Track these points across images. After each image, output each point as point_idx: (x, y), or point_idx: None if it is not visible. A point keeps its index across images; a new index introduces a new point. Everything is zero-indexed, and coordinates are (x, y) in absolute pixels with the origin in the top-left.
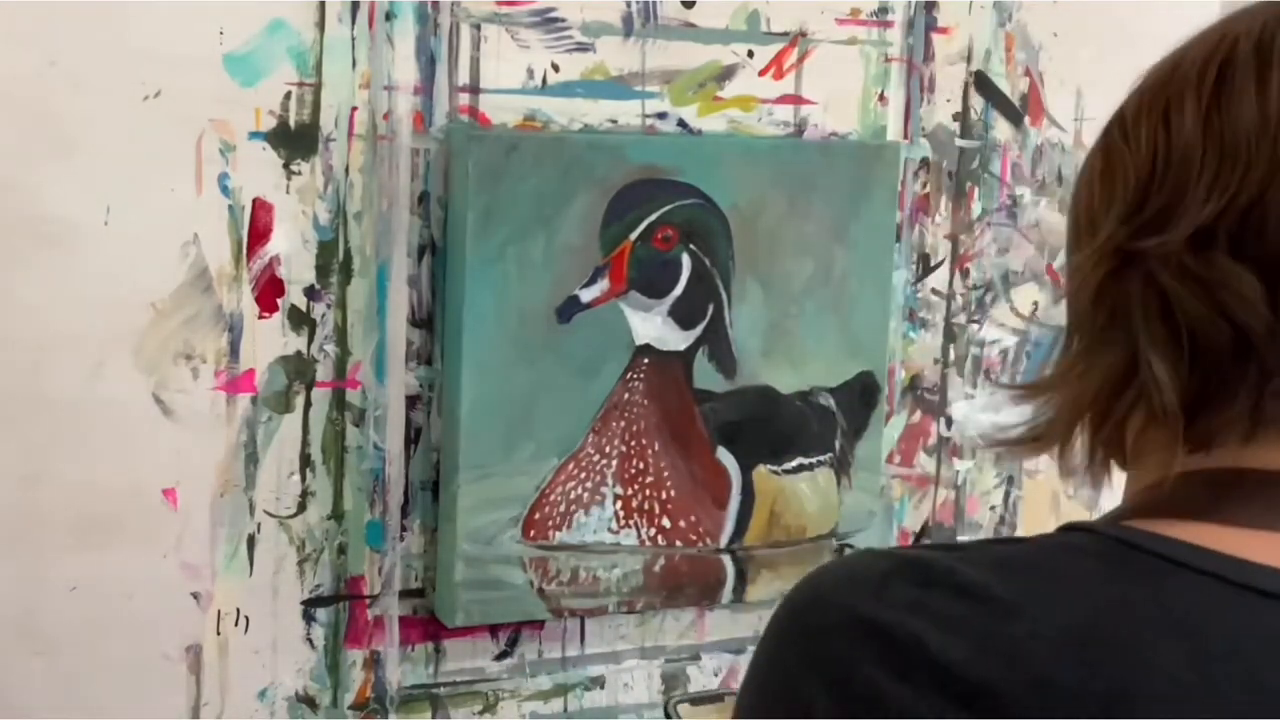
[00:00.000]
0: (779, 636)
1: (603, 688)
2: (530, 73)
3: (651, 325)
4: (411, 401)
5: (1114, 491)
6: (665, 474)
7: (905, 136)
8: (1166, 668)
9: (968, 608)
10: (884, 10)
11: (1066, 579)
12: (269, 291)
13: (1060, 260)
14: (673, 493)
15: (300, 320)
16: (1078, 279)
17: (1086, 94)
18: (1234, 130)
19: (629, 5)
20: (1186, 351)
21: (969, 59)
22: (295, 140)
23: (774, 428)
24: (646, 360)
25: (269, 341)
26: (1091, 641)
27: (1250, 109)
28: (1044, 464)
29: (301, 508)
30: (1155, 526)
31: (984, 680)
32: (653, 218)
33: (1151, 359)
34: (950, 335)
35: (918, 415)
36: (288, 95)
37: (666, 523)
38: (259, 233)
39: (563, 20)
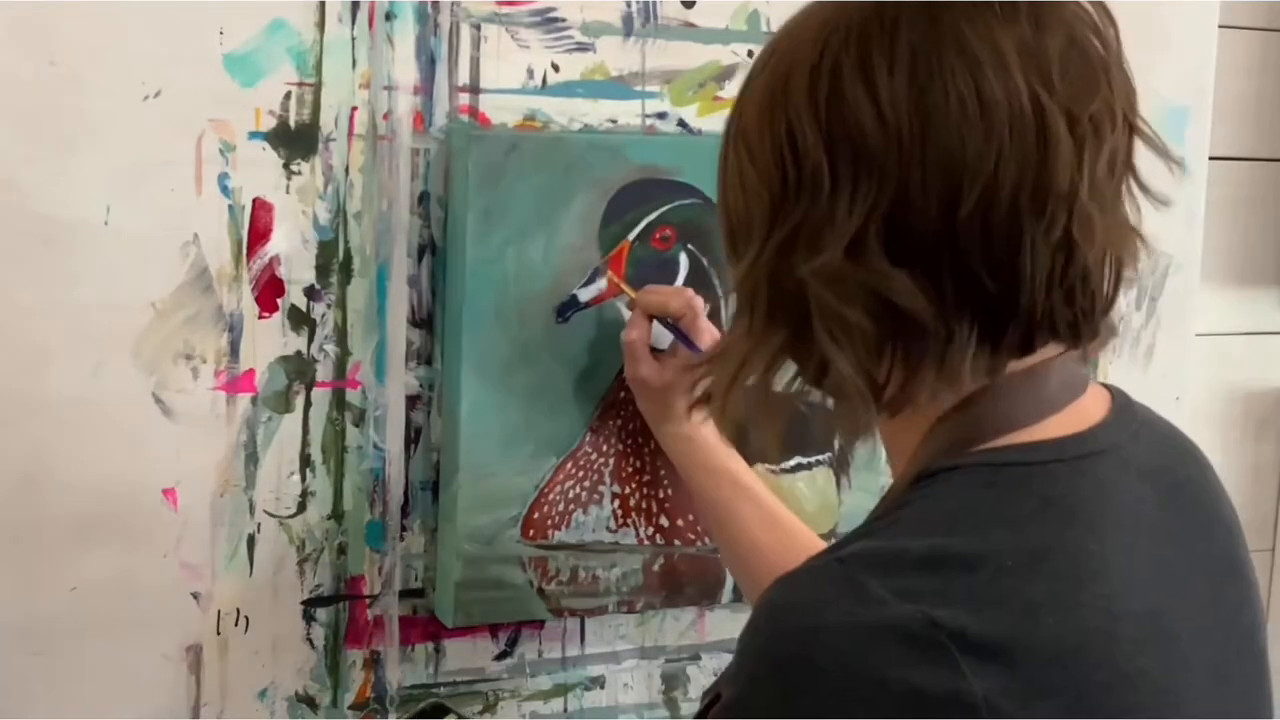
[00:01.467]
0: (791, 690)
1: (603, 688)
2: (530, 73)
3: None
4: (411, 401)
5: None
6: (663, 473)
7: None
8: (1087, 546)
9: (941, 576)
10: None
11: (980, 515)
12: (269, 291)
13: None
14: (671, 491)
15: (300, 320)
16: (744, 284)
17: None
18: (860, 142)
19: (629, 5)
20: (861, 344)
21: None
22: (295, 140)
23: None
24: None
25: (269, 341)
26: (1036, 556)
27: (868, 118)
28: None
29: (301, 508)
30: (992, 444)
31: (995, 632)
32: (651, 217)
33: (836, 362)
34: None
35: None
36: (288, 95)
37: (665, 521)
38: (259, 233)
39: (563, 20)
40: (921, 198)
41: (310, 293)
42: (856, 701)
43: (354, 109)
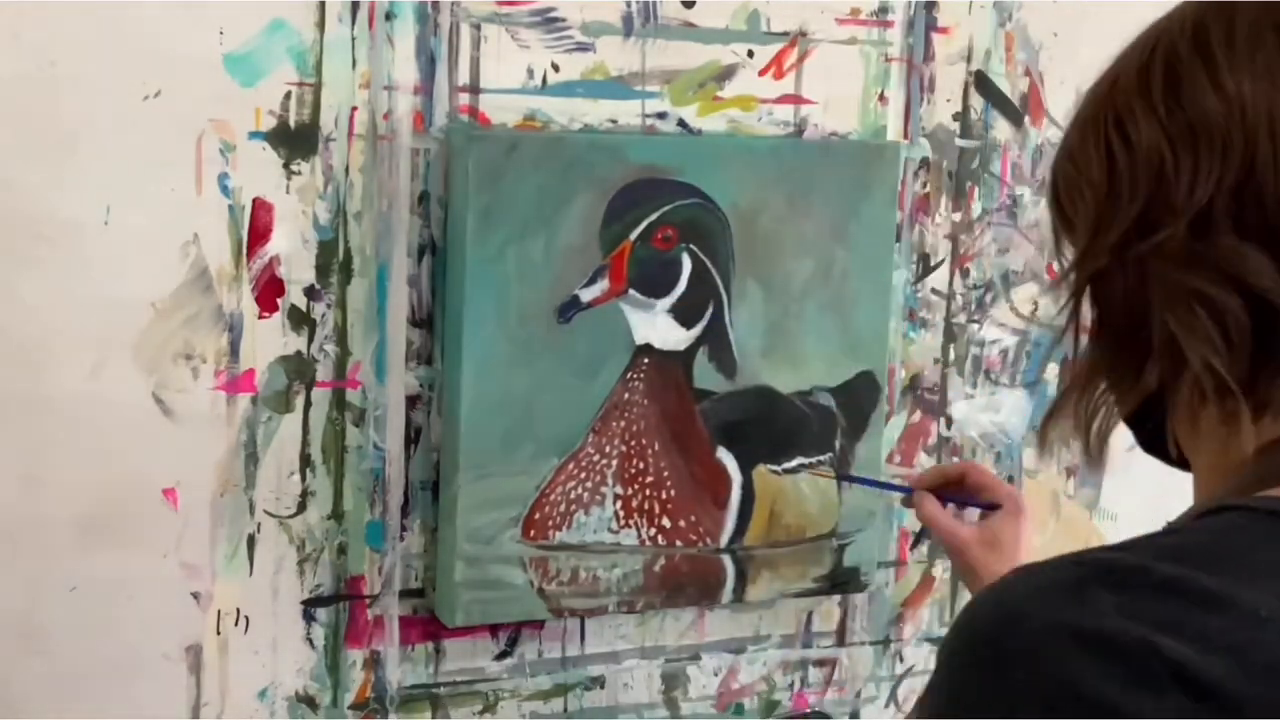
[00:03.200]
0: (971, 667)
1: (603, 688)
2: (530, 73)
3: (651, 325)
4: (411, 401)
5: (1117, 483)
6: (665, 474)
7: (905, 136)
8: None
9: (1179, 605)
10: (884, 10)
11: (1248, 560)
12: (269, 291)
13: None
14: (673, 492)
15: (300, 320)
16: (1079, 286)
17: None
18: (1202, 120)
19: (629, 5)
20: (1219, 333)
21: (969, 59)
22: (295, 140)
23: (774, 428)
24: (646, 360)
25: (269, 341)
26: None
27: (1210, 98)
28: (1044, 464)
29: (301, 508)
30: None
31: (1219, 677)
32: (653, 217)
33: (1188, 348)
34: (950, 335)
35: (918, 415)
36: (288, 95)
37: (666, 523)
38: (259, 233)
39: (563, 20)
40: (1273, 168)
41: (310, 293)
42: (1036, 701)
43: (354, 109)
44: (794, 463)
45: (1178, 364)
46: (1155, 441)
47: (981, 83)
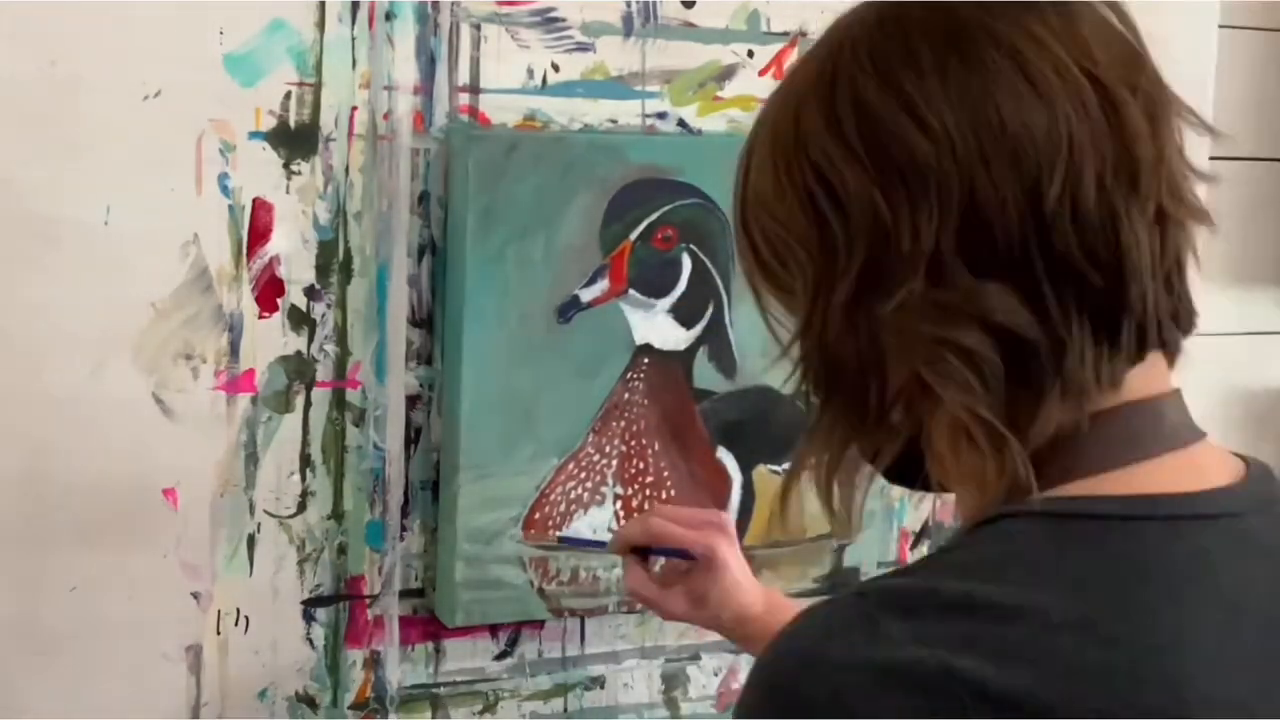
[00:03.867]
0: (773, 718)
1: (603, 688)
2: (530, 73)
3: (652, 325)
4: (411, 401)
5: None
6: (665, 474)
7: None
8: (1161, 615)
9: (970, 623)
10: None
11: (1032, 566)
12: (269, 291)
13: None
14: (673, 493)
15: (300, 320)
16: (811, 358)
17: None
18: (911, 164)
19: (629, 5)
20: (975, 378)
21: None
22: (295, 140)
23: (774, 428)
24: (647, 360)
25: (269, 341)
26: (1093, 616)
27: (913, 134)
28: None
29: (301, 508)
30: (1062, 493)
31: (1024, 688)
32: (653, 217)
33: (947, 396)
34: None
35: None
36: (288, 95)
37: None
38: (259, 233)
39: (563, 20)
40: (994, 198)
41: (310, 293)
42: None
43: (354, 109)
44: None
45: (927, 408)
46: (901, 472)
47: None
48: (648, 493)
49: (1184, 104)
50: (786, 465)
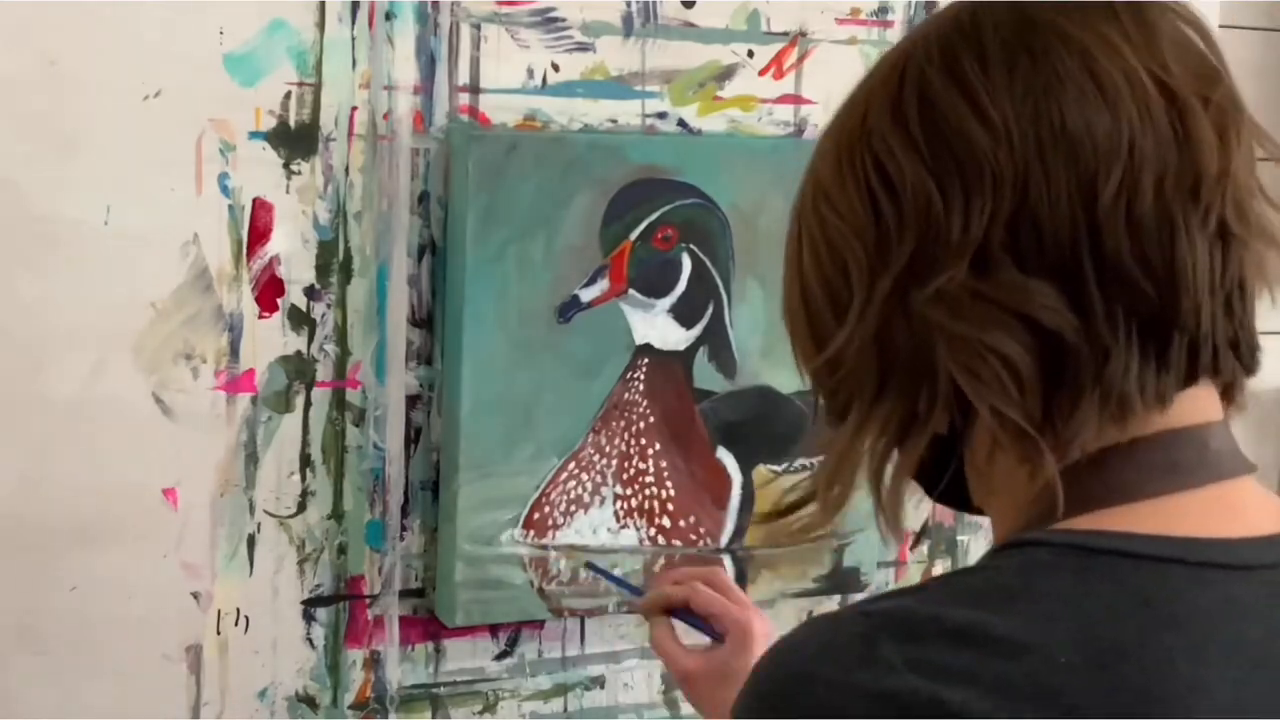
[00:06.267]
0: None
1: (603, 688)
2: (530, 73)
3: (652, 325)
4: (411, 401)
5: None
6: (665, 474)
7: None
8: (1176, 664)
9: (973, 655)
10: (884, 10)
11: (1049, 600)
12: (269, 291)
13: None
14: (673, 492)
15: (300, 320)
16: (848, 346)
17: None
18: (968, 153)
19: (629, 5)
20: (1011, 379)
21: None
22: (295, 140)
23: (774, 428)
24: (646, 360)
25: (269, 341)
26: (1103, 659)
27: (975, 129)
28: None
29: (301, 508)
30: (1094, 522)
31: None
32: (653, 217)
33: (977, 398)
34: None
35: None
36: (288, 95)
37: (666, 523)
38: (259, 233)
39: (563, 20)
40: (1048, 194)
41: (310, 293)
42: None
43: (354, 109)
44: (794, 463)
45: (968, 412)
46: (948, 490)
47: None
48: (647, 492)
49: (1261, 129)
50: (786, 465)
